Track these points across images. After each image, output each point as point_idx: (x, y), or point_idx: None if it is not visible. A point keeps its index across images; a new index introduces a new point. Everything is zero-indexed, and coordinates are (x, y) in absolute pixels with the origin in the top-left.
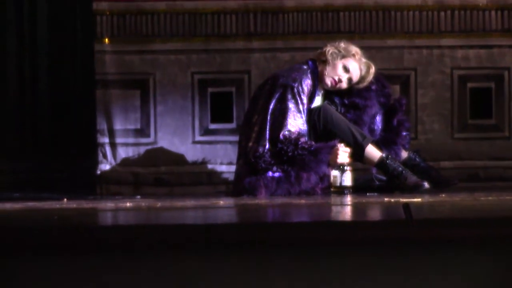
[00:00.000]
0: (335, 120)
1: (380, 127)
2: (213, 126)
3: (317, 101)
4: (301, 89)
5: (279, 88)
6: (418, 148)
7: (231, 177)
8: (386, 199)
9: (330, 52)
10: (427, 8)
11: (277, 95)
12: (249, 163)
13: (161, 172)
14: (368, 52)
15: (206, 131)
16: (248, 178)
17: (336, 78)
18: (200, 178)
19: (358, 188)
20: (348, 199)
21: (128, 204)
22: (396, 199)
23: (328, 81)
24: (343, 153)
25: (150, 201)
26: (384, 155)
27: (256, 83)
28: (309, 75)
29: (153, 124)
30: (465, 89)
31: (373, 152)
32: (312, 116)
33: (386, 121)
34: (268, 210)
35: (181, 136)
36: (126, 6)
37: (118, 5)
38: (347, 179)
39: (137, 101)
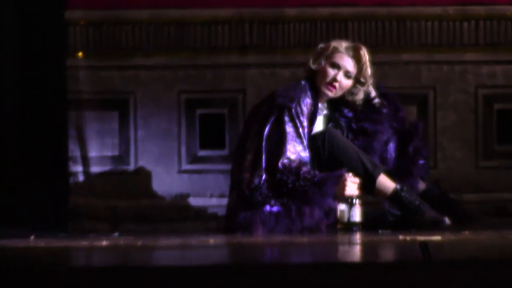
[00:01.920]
0: (342, 146)
1: (393, 155)
2: (202, 153)
3: (319, 122)
4: (299, 110)
5: (275, 109)
6: (437, 179)
7: (222, 211)
8: (401, 237)
9: (312, 60)
10: (448, 18)
11: (272, 118)
12: (243, 196)
13: (143, 206)
14: (381, 68)
15: (195, 159)
16: (243, 213)
17: (329, 80)
18: (187, 213)
19: (368, 225)
20: (358, 237)
21: (104, 243)
22: (412, 237)
23: (326, 90)
24: (352, 184)
25: (129, 239)
26: (398, 186)
27: (252, 104)
28: (308, 93)
29: (133, 150)
30: (492, 111)
31: (385, 183)
32: (316, 141)
33: (401, 148)
34: (265, 249)
35: (165, 165)
36: (103, 15)
37: (93, 13)
38: (356, 214)
39: (115, 124)
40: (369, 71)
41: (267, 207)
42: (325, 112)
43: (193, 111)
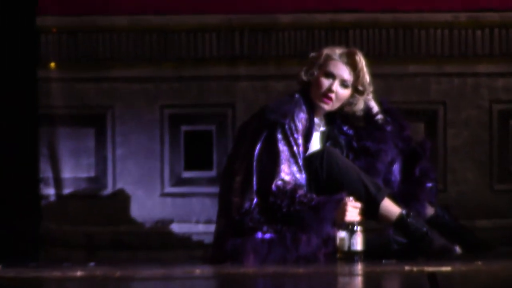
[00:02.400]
0: (342, 167)
1: (398, 177)
2: (187, 174)
3: (316, 140)
4: (293, 127)
5: (267, 126)
6: (447, 203)
7: (209, 239)
8: (407, 267)
9: (303, 71)
10: (459, 26)
11: (264, 136)
12: (232, 222)
13: (121, 233)
14: (385, 81)
15: (179, 181)
16: (232, 241)
17: (324, 91)
18: (170, 240)
19: (371, 254)
20: (359, 267)
21: (79, 273)
22: (419, 268)
23: (321, 103)
24: (353, 209)
25: (107, 269)
26: (404, 211)
27: (242, 120)
28: (303, 107)
29: (111, 171)
30: (507, 128)
31: (390, 207)
32: (313, 161)
33: (406, 170)
34: (257, 281)
35: (146, 187)
36: (78, 22)
37: (68, 20)
38: (358, 242)
39: (91, 142)
40: (367, 77)
41: (259, 234)
42: (322, 128)
43: (178, 128)
